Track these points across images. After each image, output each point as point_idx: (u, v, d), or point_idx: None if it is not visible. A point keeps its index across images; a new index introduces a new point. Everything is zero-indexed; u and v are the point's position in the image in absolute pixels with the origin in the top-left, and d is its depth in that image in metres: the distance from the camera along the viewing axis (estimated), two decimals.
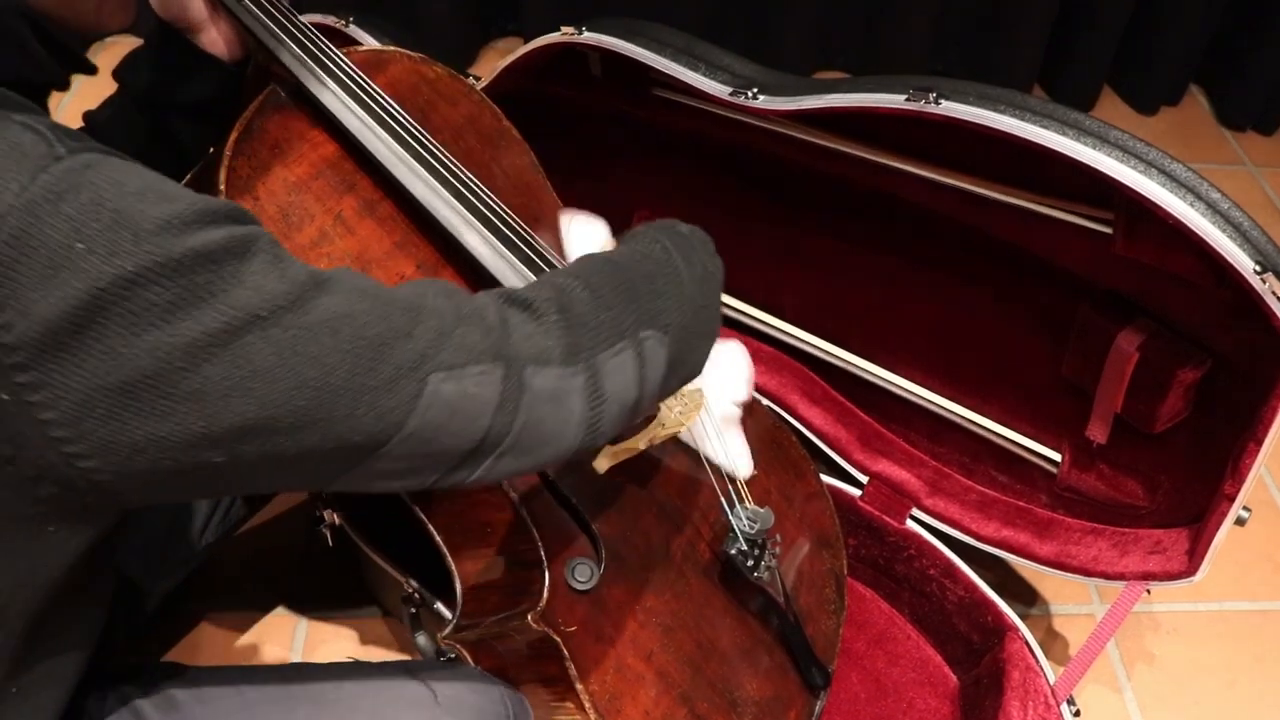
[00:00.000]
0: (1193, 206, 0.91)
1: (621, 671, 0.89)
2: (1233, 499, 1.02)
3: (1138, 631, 1.38)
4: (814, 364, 1.37)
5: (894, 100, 1.00)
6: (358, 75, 0.92)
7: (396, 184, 0.91)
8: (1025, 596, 1.39)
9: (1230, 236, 0.91)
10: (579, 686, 0.86)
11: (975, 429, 1.28)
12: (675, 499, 1.02)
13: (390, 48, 1.02)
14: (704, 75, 1.12)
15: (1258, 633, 1.40)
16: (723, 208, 1.38)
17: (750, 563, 0.98)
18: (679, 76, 1.13)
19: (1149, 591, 1.12)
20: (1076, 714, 1.13)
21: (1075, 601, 1.40)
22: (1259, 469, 0.99)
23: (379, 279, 0.88)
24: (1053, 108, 0.96)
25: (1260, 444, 0.99)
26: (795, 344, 1.37)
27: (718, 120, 1.22)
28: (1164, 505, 1.17)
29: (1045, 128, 0.94)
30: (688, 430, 0.96)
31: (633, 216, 1.45)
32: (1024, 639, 1.18)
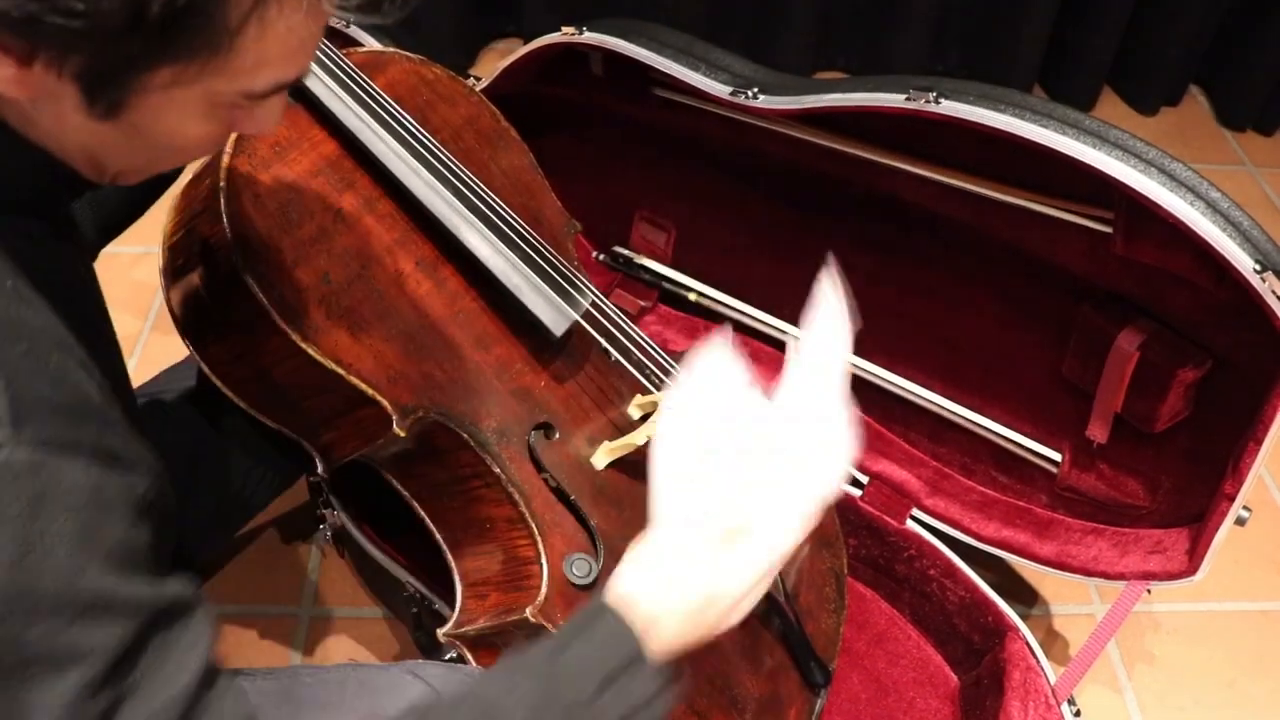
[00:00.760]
0: (1193, 206, 0.91)
1: None
2: (1233, 499, 1.02)
3: (1138, 631, 1.38)
4: None
5: (894, 100, 1.00)
6: (358, 75, 0.93)
7: (396, 182, 0.92)
8: (1026, 597, 1.39)
9: (1230, 236, 0.91)
10: None
11: (975, 429, 1.28)
12: None
13: (390, 49, 1.02)
14: (704, 75, 1.13)
15: (1258, 632, 1.39)
16: (723, 208, 1.38)
17: None
18: (679, 76, 1.13)
19: (1149, 591, 1.12)
20: (1077, 714, 1.13)
21: (1075, 601, 1.40)
22: (1259, 469, 1.00)
23: (378, 275, 0.89)
24: (1053, 107, 0.96)
25: (1260, 444, 0.99)
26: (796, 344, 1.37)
27: (718, 120, 1.22)
28: (1164, 505, 1.17)
29: (1045, 127, 0.94)
30: None
31: (633, 216, 1.46)
32: (1024, 639, 1.18)
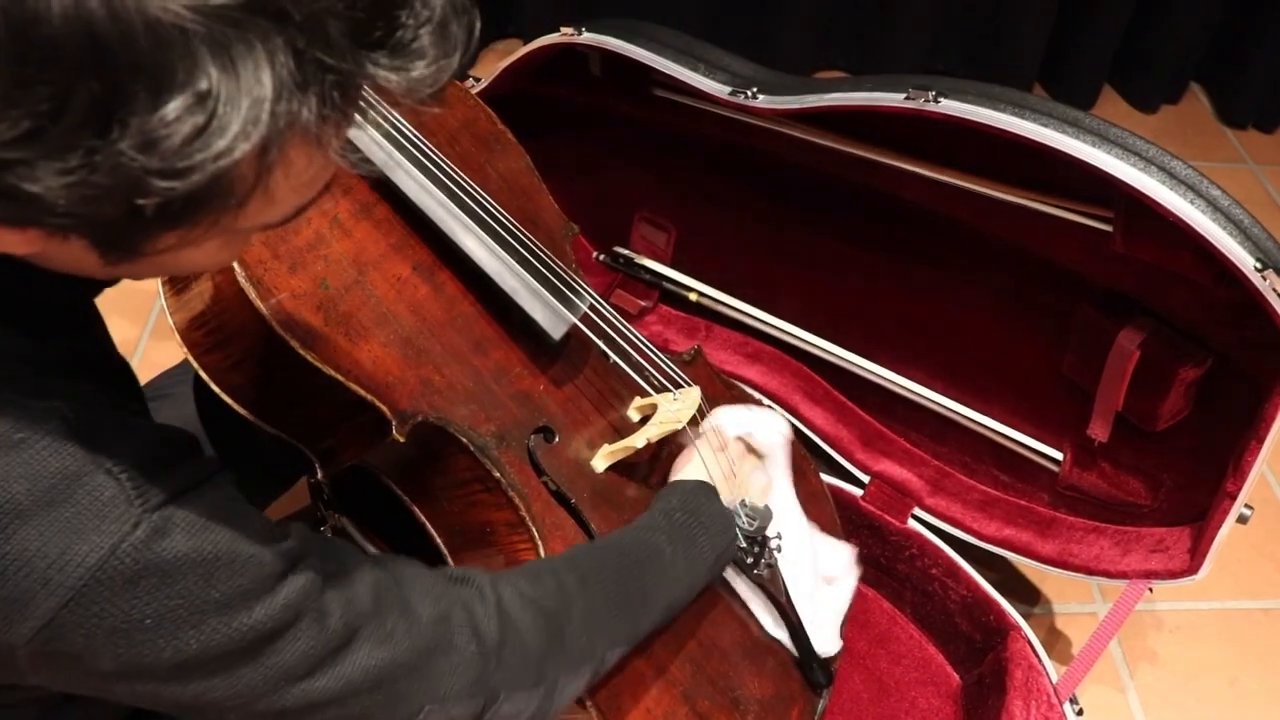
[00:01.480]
0: (1193, 204, 0.91)
1: (622, 671, 0.89)
2: (1235, 497, 1.01)
3: (1140, 630, 1.38)
4: (815, 364, 1.37)
5: (894, 99, 1.00)
6: None
7: (392, 186, 0.91)
8: (1027, 595, 1.39)
9: (1231, 234, 0.90)
10: None
11: (977, 428, 1.28)
12: None
13: None
14: (704, 75, 1.12)
15: (1260, 630, 1.39)
16: (723, 208, 1.38)
17: (750, 560, 0.97)
18: (679, 77, 1.13)
19: (1151, 590, 1.12)
20: (1079, 713, 1.12)
21: (1077, 600, 1.40)
22: (1261, 467, 0.99)
23: (376, 280, 0.89)
24: (1052, 106, 0.96)
25: (1262, 442, 0.98)
26: (796, 344, 1.37)
27: (718, 120, 1.22)
28: (1166, 504, 1.17)
29: (1045, 125, 0.94)
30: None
31: (633, 216, 1.46)
32: (1026, 638, 1.17)
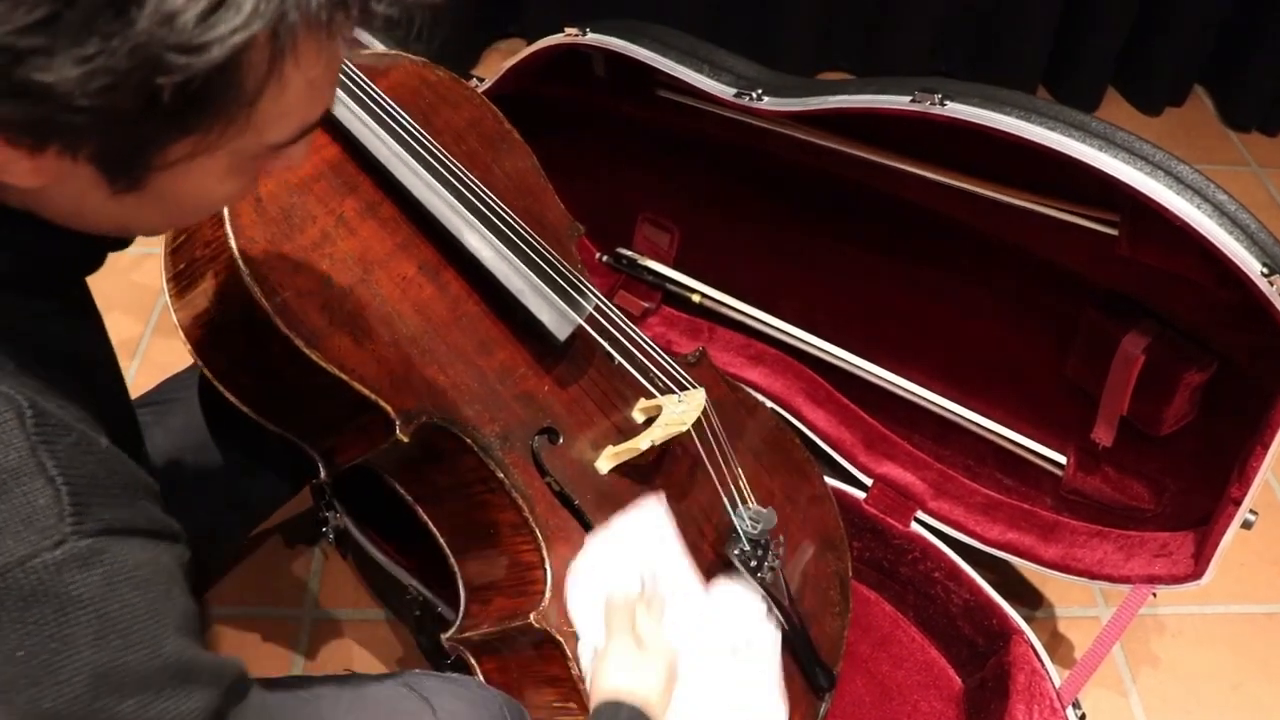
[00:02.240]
0: (1199, 208, 0.90)
1: None
2: (1239, 502, 1.01)
3: (1143, 634, 1.37)
4: (818, 366, 1.37)
5: (899, 102, 1.00)
6: (360, 78, 0.92)
7: (398, 185, 0.91)
8: (1030, 599, 1.39)
9: (1237, 239, 0.90)
10: (583, 688, 0.86)
11: (980, 431, 1.27)
12: (677, 499, 1.01)
13: (393, 52, 1.02)
14: (708, 76, 1.12)
15: (1264, 635, 1.39)
16: (727, 209, 1.38)
17: (753, 563, 0.97)
18: (683, 78, 1.13)
19: (1155, 594, 1.12)
20: (1082, 717, 1.12)
21: (1080, 604, 1.40)
22: (1266, 472, 0.99)
23: (381, 279, 0.88)
24: (1058, 109, 0.96)
25: (1267, 447, 0.98)
26: (799, 346, 1.37)
27: (722, 121, 1.21)
28: (1170, 508, 1.16)
29: (1051, 129, 0.93)
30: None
31: (637, 217, 1.45)
32: (1029, 642, 1.17)
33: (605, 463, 0.97)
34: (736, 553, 0.98)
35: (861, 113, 1.04)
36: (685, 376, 1.07)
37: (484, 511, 0.92)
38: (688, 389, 1.04)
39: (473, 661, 0.93)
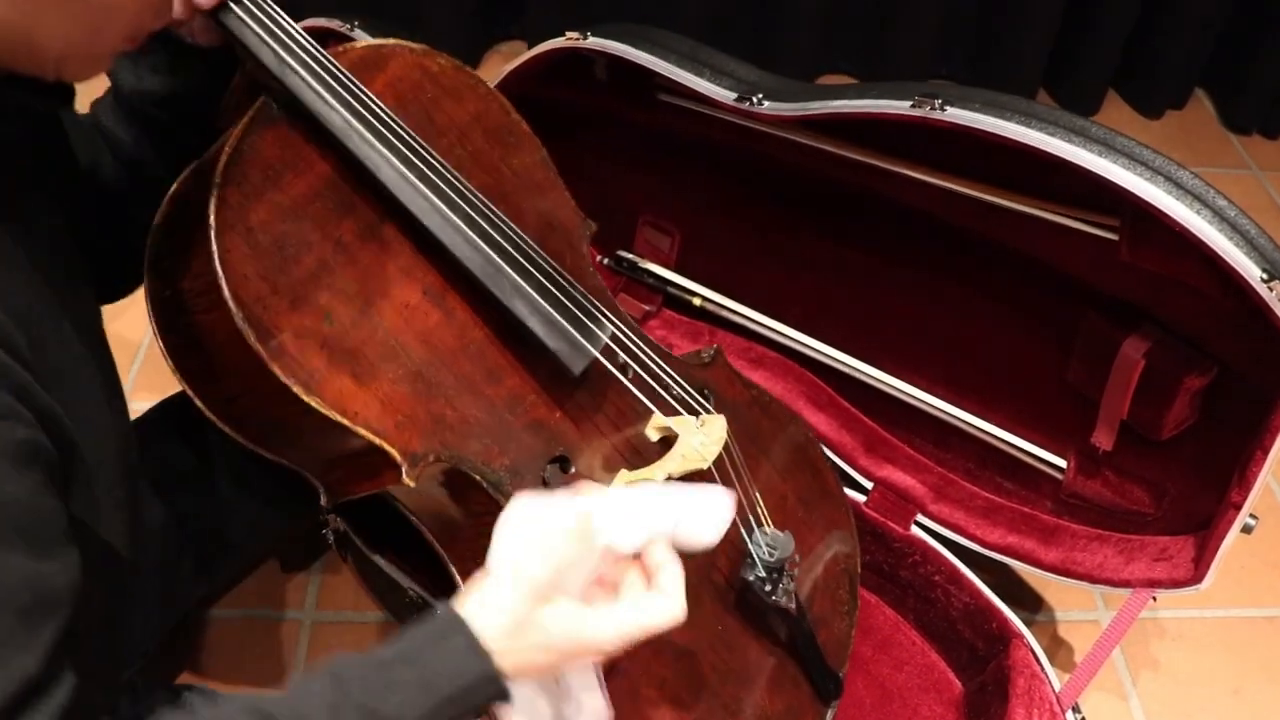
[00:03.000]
0: (1199, 214, 0.90)
1: (635, 699, 0.87)
2: (1239, 507, 1.01)
3: (1143, 638, 1.37)
4: (819, 369, 1.37)
5: (899, 107, 1.00)
6: (352, 83, 0.85)
7: (398, 203, 0.85)
8: (1030, 603, 1.39)
9: (1237, 244, 0.90)
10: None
11: (980, 435, 1.28)
12: None
13: (390, 41, 0.94)
14: (709, 81, 1.12)
15: (1264, 639, 1.39)
16: (728, 213, 1.38)
17: (769, 588, 0.95)
18: (684, 82, 1.13)
19: (1155, 598, 1.12)
20: None
21: (1080, 608, 1.40)
22: (1266, 477, 0.99)
23: (384, 309, 0.83)
24: (1059, 114, 0.96)
25: (1267, 452, 0.98)
26: (800, 349, 1.37)
27: (723, 125, 1.21)
28: (1170, 512, 1.16)
29: (1052, 135, 0.93)
30: None
31: (637, 220, 1.45)
32: (1029, 646, 1.17)
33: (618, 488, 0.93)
34: (752, 579, 0.95)
35: (862, 117, 1.04)
36: (704, 403, 1.01)
37: (486, 530, 0.91)
38: (706, 414, 0.99)
39: None
